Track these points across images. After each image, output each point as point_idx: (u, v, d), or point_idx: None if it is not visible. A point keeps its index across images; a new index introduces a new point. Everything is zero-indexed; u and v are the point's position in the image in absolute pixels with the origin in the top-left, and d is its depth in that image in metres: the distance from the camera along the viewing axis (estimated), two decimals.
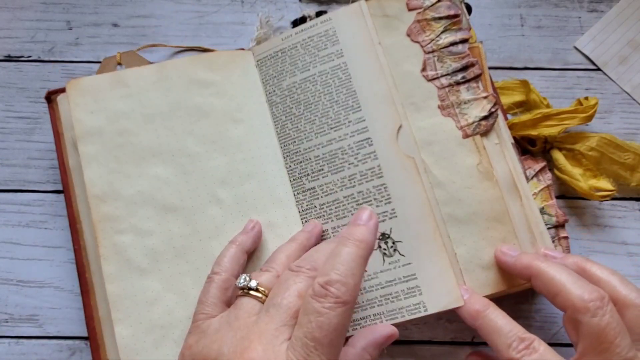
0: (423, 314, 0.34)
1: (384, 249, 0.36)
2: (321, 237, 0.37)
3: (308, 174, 0.38)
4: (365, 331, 0.32)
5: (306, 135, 0.38)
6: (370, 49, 0.38)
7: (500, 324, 0.31)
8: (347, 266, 0.29)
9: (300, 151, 0.38)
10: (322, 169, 0.38)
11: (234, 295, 0.34)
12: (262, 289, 0.31)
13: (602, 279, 0.31)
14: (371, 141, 0.37)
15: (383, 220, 0.36)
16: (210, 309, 0.32)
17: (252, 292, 0.31)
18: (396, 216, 0.36)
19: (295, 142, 0.39)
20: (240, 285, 0.32)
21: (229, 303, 0.33)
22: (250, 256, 0.37)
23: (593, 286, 0.30)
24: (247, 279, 0.32)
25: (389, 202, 0.36)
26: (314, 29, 0.39)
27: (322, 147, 0.38)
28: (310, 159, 0.38)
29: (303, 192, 0.38)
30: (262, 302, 0.31)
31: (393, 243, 0.36)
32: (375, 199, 0.36)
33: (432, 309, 0.34)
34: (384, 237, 0.36)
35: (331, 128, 0.38)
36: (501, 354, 0.30)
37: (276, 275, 0.32)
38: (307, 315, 0.27)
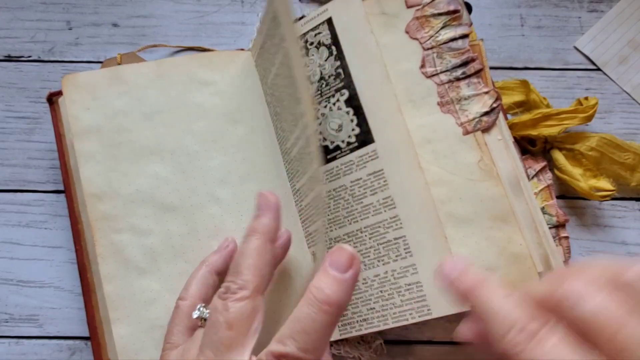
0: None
1: None
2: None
3: (294, 174, 0.38)
4: None
5: (285, 135, 0.38)
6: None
7: (496, 307, 0.22)
8: (242, 260, 0.28)
9: (287, 151, 0.38)
10: (298, 170, 0.37)
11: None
12: None
13: None
14: None
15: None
16: (176, 337, 0.31)
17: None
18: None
19: (283, 141, 0.39)
20: (194, 317, 0.31)
21: (194, 327, 0.32)
22: None
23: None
24: (203, 310, 0.31)
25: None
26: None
27: (296, 145, 0.37)
28: (293, 158, 0.38)
29: (295, 192, 0.38)
30: None
31: None
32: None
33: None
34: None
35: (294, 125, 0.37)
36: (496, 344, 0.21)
37: None
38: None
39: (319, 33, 0.39)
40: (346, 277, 0.25)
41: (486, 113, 0.36)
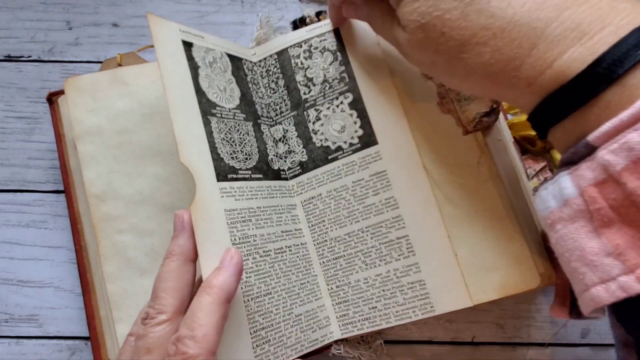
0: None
1: None
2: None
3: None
4: None
5: None
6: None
7: None
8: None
9: None
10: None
11: None
12: None
13: None
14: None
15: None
16: None
17: None
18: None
19: None
20: None
21: None
22: None
23: None
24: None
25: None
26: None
27: None
28: None
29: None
30: None
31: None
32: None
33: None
34: None
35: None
36: None
37: None
38: None
39: (325, 40, 0.39)
40: (225, 266, 0.30)
41: (486, 114, 0.36)
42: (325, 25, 0.39)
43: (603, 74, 0.22)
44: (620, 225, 0.22)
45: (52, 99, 0.41)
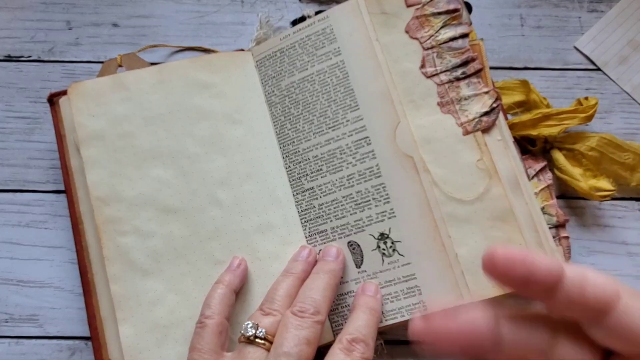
0: (422, 313, 0.34)
1: (383, 249, 0.36)
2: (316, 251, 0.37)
3: (307, 174, 0.38)
4: None
5: (305, 135, 0.38)
6: (368, 46, 0.38)
7: None
8: (323, 295, 0.33)
9: (299, 151, 0.38)
10: (321, 169, 0.38)
11: (228, 337, 0.34)
12: (268, 335, 0.31)
13: None
14: (369, 140, 0.37)
15: (382, 220, 0.36)
16: (208, 355, 0.32)
17: (257, 340, 0.31)
18: (395, 216, 0.36)
19: (294, 142, 0.39)
20: (247, 335, 0.32)
21: (223, 346, 0.33)
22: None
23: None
24: (254, 327, 0.32)
25: (388, 202, 0.36)
26: (312, 28, 0.39)
27: (321, 146, 0.38)
28: (309, 159, 0.38)
29: (302, 192, 0.38)
30: (267, 349, 0.31)
31: (392, 243, 0.36)
32: (373, 199, 0.36)
33: (432, 309, 0.34)
34: (383, 236, 0.36)
35: (329, 127, 0.38)
36: None
37: (280, 320, 0.32)
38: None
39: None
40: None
41: (486, 113, 0.36)
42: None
43: None
44: None
45: (53, 99, 0.41)
